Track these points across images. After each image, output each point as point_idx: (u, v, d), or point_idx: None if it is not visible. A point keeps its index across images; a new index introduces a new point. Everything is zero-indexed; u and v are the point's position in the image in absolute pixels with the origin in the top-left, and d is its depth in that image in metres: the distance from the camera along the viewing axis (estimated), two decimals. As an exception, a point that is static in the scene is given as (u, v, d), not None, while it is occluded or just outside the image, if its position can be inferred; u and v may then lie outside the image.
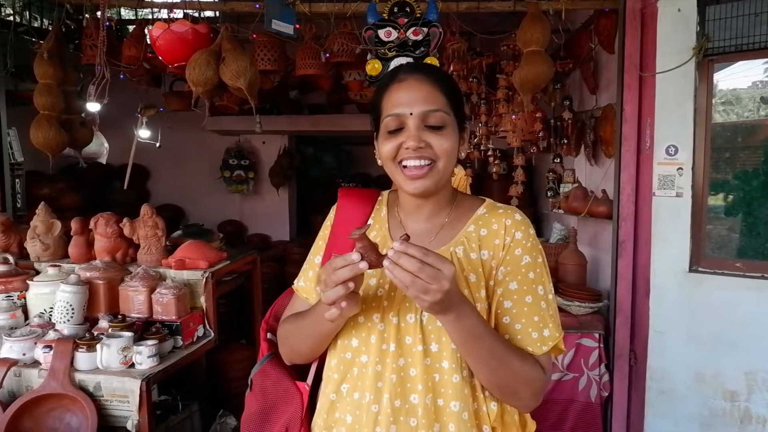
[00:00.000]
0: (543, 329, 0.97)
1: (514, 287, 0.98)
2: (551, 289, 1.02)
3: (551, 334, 0.97)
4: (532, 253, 1.00)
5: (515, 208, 1.06)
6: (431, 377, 0.94)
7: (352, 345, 0.98)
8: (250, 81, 2.35)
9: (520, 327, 0.97)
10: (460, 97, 1.04)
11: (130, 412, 1.79)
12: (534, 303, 0.98)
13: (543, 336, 0.97)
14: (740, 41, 2.36)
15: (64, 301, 1.96)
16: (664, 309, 2.49)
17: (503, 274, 0.99)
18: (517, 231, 1.00)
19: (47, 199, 2.84)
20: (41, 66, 2.52)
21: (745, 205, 2.61)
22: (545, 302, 0.99)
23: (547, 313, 0.98)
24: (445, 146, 0.97)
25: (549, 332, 0.97)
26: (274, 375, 1.13)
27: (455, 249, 1.00)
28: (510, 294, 0.98)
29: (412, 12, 2.47)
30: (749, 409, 2.36)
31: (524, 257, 0.99)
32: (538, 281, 0.99)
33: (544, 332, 0.97)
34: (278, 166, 5.34)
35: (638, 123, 2.52)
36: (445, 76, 1.05)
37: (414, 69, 1.01)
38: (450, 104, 0.99)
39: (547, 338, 0.97)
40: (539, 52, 2.50)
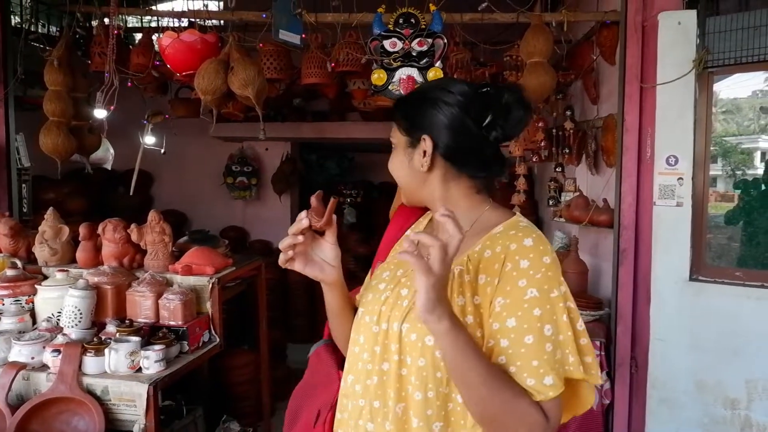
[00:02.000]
0: (543, 377, 0.84)
1: (512, 324, 0.87)
2: (567, 327, 0.88)
3: (555, 383, 0.84)
4: (544, 285, 0.87)
5: (533, 229, 0.94)
6: (405, 388, 0.93)
7: (359, 341, 1.03)
8: (258, 90, 2.38)
9: (515, 370, 0.85)
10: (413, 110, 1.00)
11: (137, 416, 1.81)
12: (536, 345, 0.85)
13: (542, 384, 0.84)
14: (740, 54, 2.40)
15: (72, 306, 1.98)
16: (665, 317, 2.51)
17: (501, 306, 0.88)
18: (523, 258, 0.89)
19: (53, 203, 2.87)
20: (51, 73, 2.56)
21: (745, 214, 2.64)
22: (553, 344, 0.86)
23: (553, 358, 0.86)
24: (389, 167, 1.07)
25: (552, 381, 0.84)
26: (325, 359, 1.19)
27: (454, 267, 0.94)
28: (507, 332, 0.87)
29: (417, 23, 2.51)
30: (750, 417, 2.38)
31: (530, 290, 0.87)
32: (547, 319, 0.87)
33: (544, 380, 0.84)
34: (281, 172, 5.37)
35: (639, 133, 2.56)
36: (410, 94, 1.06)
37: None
38: (397, 125, 1.04)
39: (546, 387, 0.84)
40: (542, 62, 2.54)
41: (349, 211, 5.85)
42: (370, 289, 1.05)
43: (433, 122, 0.97)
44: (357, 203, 5.92)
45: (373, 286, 1.05)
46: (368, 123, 4.87)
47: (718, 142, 3.95)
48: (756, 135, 5.71)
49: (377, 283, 1.05)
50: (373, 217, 5.79)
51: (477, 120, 0.96)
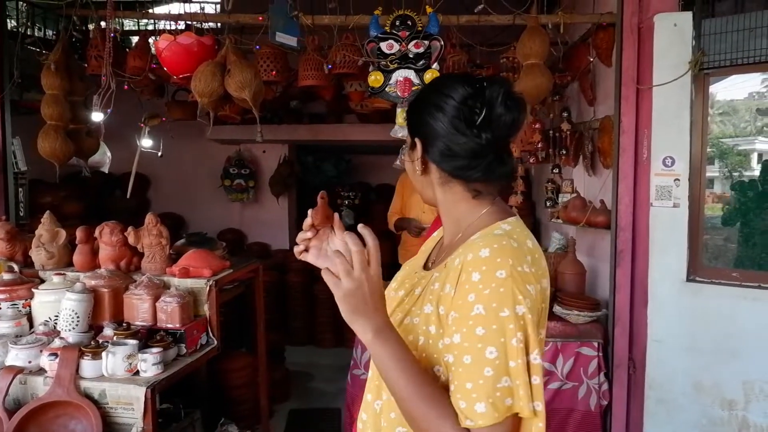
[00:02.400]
0: (475, 402, 0.78)
1: (457, 341, 0.82)
2: (517, 352, 0.79)
3: (486, 412, 0.77)
4: (492, 303, 0.80)
5: (501, 238, 0.87)
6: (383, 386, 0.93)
7: None
8: (255, 92, 2.38)
9: (453, 389, 0.82)
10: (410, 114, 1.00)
11: (135, 419, 1.81)
12: (473, 367, 0.79)
13: (473, 410, 0.78)
14: (735, 55, 2.41)
15: (69, 309, 1.97)
16: (662, 318, 2.52)
17: (452, 320, 0.84)
18: (476, 271, 0.83)
19: (49, 207, 2.86)
20: (48, 77, 2.56)
21: (741, 215, 2.65)
22: (495, 370, 0.78)
23: (493, 385, 0.78)
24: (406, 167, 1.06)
25: (484, 409, 0.77)
26: None
27: (434, 274, 0.94)
28: (453, 347, 0.83)
29: (413, 25, 2.52)
30: (747, 418, 2.38)
31: (476, 306, 0.81)
32: (491, 341, 0.79)
33: (475, 406, 0.78)
34: (278, 174, 5.37)
35: (636, 134, 2.57)
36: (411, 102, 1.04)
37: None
38: (408, 128, 1.02)
39: (477, 415, 0.78)
40: (538, 64, 2.55)
41: (346, 213, 5.85)
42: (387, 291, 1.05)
43: (424, 126, 0.95)
44: (355, 205, 5.92)
45: (388, 290, 1.05)
46: (365, 125, 4.87)
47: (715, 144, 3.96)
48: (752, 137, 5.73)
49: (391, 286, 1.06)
50: (370, 219, 5.79)
51: (468, 121, 0.90)
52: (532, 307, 0.83)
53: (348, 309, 0.83)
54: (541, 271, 0.89)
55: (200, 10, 2.83)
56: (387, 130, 2.67)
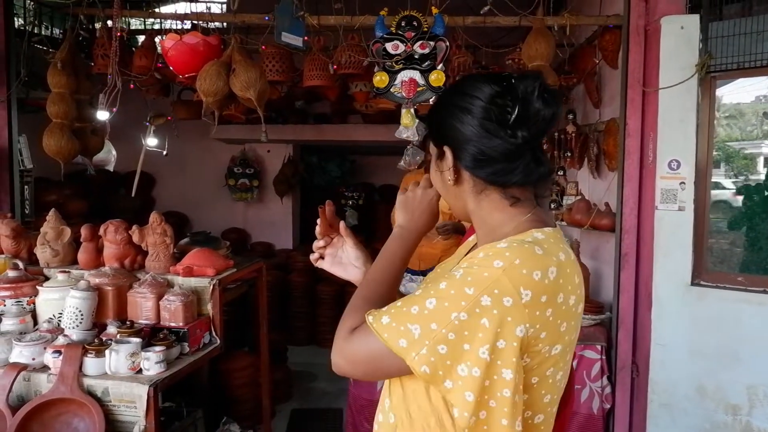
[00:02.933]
0: (386, 314, 0.84)
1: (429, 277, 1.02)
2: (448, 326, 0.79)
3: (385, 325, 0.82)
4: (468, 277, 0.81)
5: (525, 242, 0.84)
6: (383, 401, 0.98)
7: None
8: (260, 92, 2.39)
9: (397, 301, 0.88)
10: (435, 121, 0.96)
11: (137, 417, 1.81)
12: (414, 299, 0.84)
13: (380, 315, 0.84)
14: (742, 59, 2.40)
15: (73, 307, 1.98)
16: (666, 322, 2.51)
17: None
18: (482, 251, 0.84)
19: (54, 205, 2.87)
20: (55, 75, 2.57)
21: (747, 219, 2.64)
22: (418, 313, 0.81)
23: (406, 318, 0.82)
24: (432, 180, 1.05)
25: (387, 321, 0.83)
26: None
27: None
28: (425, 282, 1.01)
29: (419, 26, 2.52)
30: (750, 423, 2.37)
31: (458, 270, 0.83)
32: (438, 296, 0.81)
33: (383, 315, 0.84)
34: (283, 174, 5.38)
35: (641, 137, 2.56)
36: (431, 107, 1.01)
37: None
38: (431, 137, 0.99)
39: (378, 319, 0.84)
40: (544, 66, 2.55)
41: (350, 214, 5.85)
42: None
43: (453, 132, 0.90)
44: (358, 206, 5.92)
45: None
46: (370, 125, 4.88)
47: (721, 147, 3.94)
48: (759, 140, 5.70)
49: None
50: (374, 219, 5.79)
51: (500, 121, 0.85)
52: (513, 309, 0.79)
53: (401, 205, 1.05)
54: (570, 287, 0.84)
55: (206, 10, 2.85)
56: (392, 131, 2.67)
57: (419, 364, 0.80)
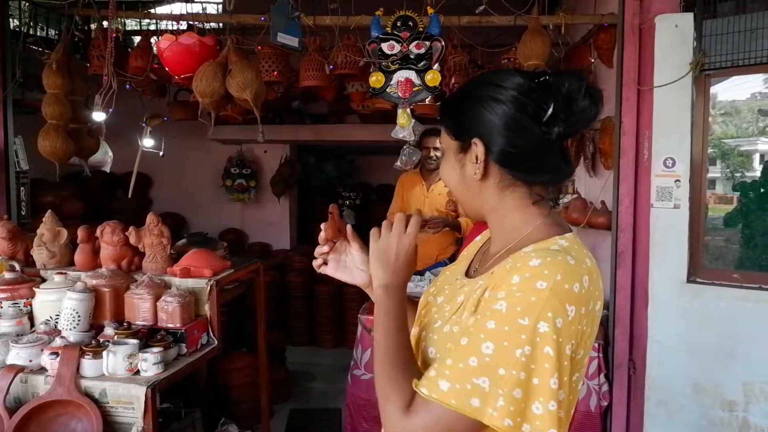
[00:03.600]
0: (442, 378, 0.76)
1: (468, 322, 0.82)
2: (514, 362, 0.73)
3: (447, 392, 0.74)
4: (516, 307, 0.75)
5: (558, 254, 0.80)
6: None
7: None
8: (256, 92, 2.39)
9: (431, 356, 0.85)
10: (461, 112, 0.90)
11: (135, 418, 1.81)
12: (464, 349, 0.76)
13: (436, 383, 0.76)
14: (737, 56, 2.41)
15: (70, 309, 1.97)
16: (662, 319, 2.52)
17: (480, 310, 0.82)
18: (516, 274, 0.78)
19: (51, 206, 2.87)
20: (50, 76, 2.56)
21: (743, 216, 2.65)
22: (478, 363, 0.74)
23: (468, 374, 0.74)
24: (442, 175, 0.99)
25: (446, 388, 0.75)
26: None
27: (479, 283, 0.88)
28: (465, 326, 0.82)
29: (414, 26, 2.52)
30: (747, 420, 2.38)
31: (501, 303, 0.77)
32: (494, 338, 0.75)
33: (440, 382, 0.76)
34: (280, 175, 5.38)
35: (636, 136, 2.57)
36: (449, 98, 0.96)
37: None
38: (446, 129, 0.93)
39: (436, 388, 0.76)
40: (539, 65, 2.55)
41: (348, 214, 5.85)
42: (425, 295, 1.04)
43: (484, 123, 0.86)
44: (356, 205, 5.92)
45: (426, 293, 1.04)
46: (366, 125, 4.88)
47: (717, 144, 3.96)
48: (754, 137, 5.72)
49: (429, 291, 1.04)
50: (372, 219, 5.79)
51: (535, 116, 0.83)
52: (564, 329, 0.75)
53: (374, 259, 0.94)
54: (598, 292, 0.83)
55: (202, 11, 2.84)
56: (388, 131, 2.67)
57: (500, 418, 0.73)
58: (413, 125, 2.53)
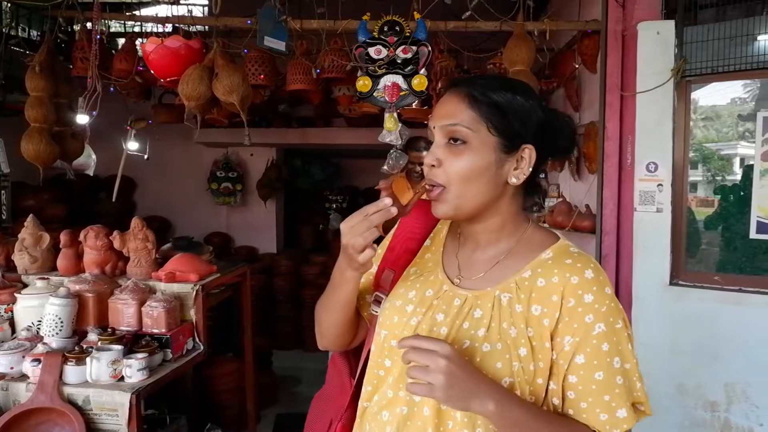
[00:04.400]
0: (616, 410, 0.84)
1: (581, 361, 0.85)
2: (632, 355, 0.87)
3: (628, 415, 0.84)
4: (609, 318, 0.85)
5: (589, 259, 0.89)
6: (444, 423, 0.87)
7: (385, 364, 0.96)
8: (243, 96, 2.38)
9: (586, 406, 0.85)
10: (514, 113, 0.89)
11: (119, 425, 1.79)
12: (606, 380, 0.84)
13: (616, 417, 0.84)
14: (717, 63, 2.46)
15: (52, 314, 1.95)
16: (646, 321, 2.55)
17: (570, 345, 0.85)
18: (587, 293, 0.85)
19: (32, 210, 2.82)
20: (33, 79, 2.53)
21: (723, 219, 2.70)
22: (622, 377, 0.85)
23: (624, 390, 0.85)
24: (457, 167, 0.88)
25: (625, 413, 0.84)
26: (339, 365, 1.13)
27: (501, 294, 0.89)
28: (576, 369, 0.85)
29: (401, 31, 2.53)
30: (729, 420, 2.42)
31: (597, 325, 0.85)
32: (615, 352, 0.85)
33: (617, 413, 0.84)
34: (266, 178, 5.35)
35: (620, 140, 2.61)
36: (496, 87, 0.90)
37: (458, 81, 0.94)
38: (483, 119, 0.88)
39: (621, 420, 0.84)
40: (524, 71, 2.58)
41: (335, 217, 5.84)
42: (395, 311, 0.96)
43: (536, 133, 0.90)
44: (342, 209, 5.92)
45: (399, 308, 0.96)
46: (353, 129, 4.88)
47: (699, 149, 4.03)
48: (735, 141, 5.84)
49: (403, 304, 0.96)
50: (358, 222, 5.78)
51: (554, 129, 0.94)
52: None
53: (460, 397, 0.78)
54: None
55: (188, 13, 2.82)
56: (375, 134, 2.68)
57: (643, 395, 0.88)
58: (400, 129, 2.54)
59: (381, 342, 0.97)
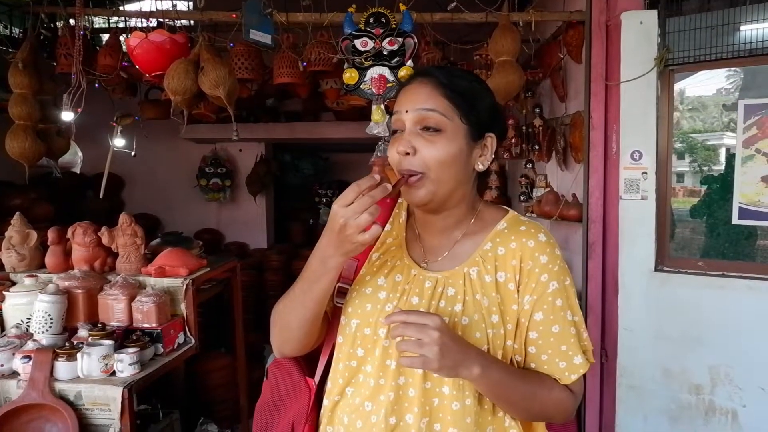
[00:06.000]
0: (573, 357, 0.95)
1: (539, 318, 0.94)
2: (578, 308, 0.98)
3: (582, 361, 0.95)
4: (560, 277, 0.96)
5: (539, 225, 1.00)
6: (429, 401, 0.91)
7: (358, 354, 0.97)
8: (229, 90, 2.37)
9: (547, 358, 0.95)
10: (479, 103, 0.95)
11: (112, 420, 1.80)
12: (562, 332, 0.95)
13: (573, 364, 0.95)
14: (699, 52, 2.49)
15: (42, 311, 1.95)
16: (632, 307, 2.59)
17: (529, 303, 0.94)
18: (542, 255, 0.95)
19: (19, 209, 2.80)
20: (16, 76, 2.50)
21: (707, 207, 2.74)
22: (574, 327, 0.96)
23: (578, 339, 0.96)
24: (435, 155, 0.90)
25: (580, 359, 0.95)
26: (287, 367, 1.11)
27: (469, 270, 0.96)
28: (536, 325, 0.94)
29: (387, 23, 2.54)
30: (713, 402, 2.47)
31: (551, 283, 0.95)
32: (566, 306, 0.95)
33: (574, 360, 0.95)
34: (255, 173, 5.34)
35: (605, 129, 2.63)
36: (462, 78, 0.96)
37: (428, 70, 0.98)
38: (456, 108, 0.92)
39: (577, 366, 0.95)
40: (510, 61, 2.60)
41: (324, 212, 5.85)
42: (366, 299, 0.97)
43: (498, 123, 1.01)
44: (332, 203, 5.92)
45: (369, 295, 0.97)
46: (342, 123, 4.88)
47: (685, 139, 4.07)
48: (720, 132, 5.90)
49: (374, 291, 0.98)
50: (348, 216, 5.79)
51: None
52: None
53: (450, 366, 0.83)
54: None
55: (172, 8, 2.80)
56: (363, 128, 2.68)
57: (589, 344, 0.98)
58: (387, 121, 2.55)
59: (352, 333, 0.97)
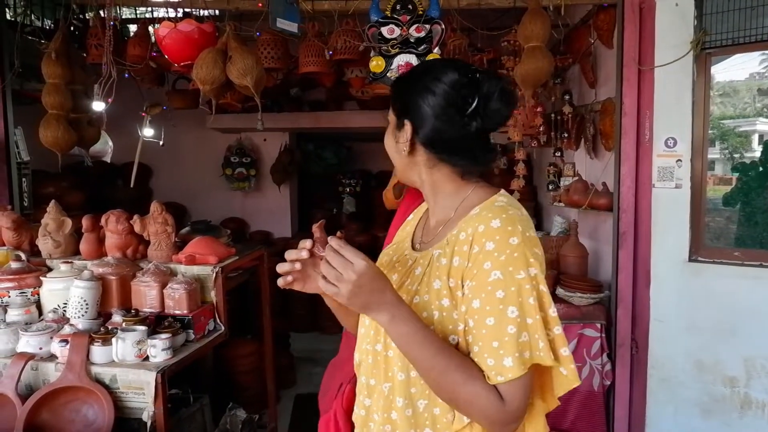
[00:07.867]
0: (503, 357, 0.85)
1: (476, 306, 0.88)
2: (535, 311, 0.87)
3: (514, 365, 0.84)
4: (508, 267, 0.87)
5: (508, 208, 0.93)
6: (390, 368, 0.99)
7: (365, 322, 1.07)
8: (257, 79, 2.38)
9: (477, 350, 0.88)
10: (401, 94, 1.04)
11: (146, 403, 1.83)
12: (496, 327, 0.86)
13: (502, 365, 0.85)
14: (737, 34, 2.40)
15: (78, 297, 1.99)
16: (664, 298, 2.54)
17: (469, 289, 0.90)
18: (489, 241, 0.89)
19: (52, 197, 2.87)
20: (49, 66, 2.55)
21: (743, 195, 2.66)
22: (517, 327, 0.86)
23: (516, 341, 0.85)
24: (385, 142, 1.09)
25: (511, 363, 0.84)
26: (351, 336, 1.21)
27: (435, 252, 0.98)
28: (473, 313, 0.89)
29: (414, 9, 2.50)
30: (749, 395, 2.42)
31: (493, 272, 0.87)
32: (510, 301, 0.86)
33: (504, 361, 0.85)
34: (279, 163, 5.37)
35: (637, 116, 2.57)
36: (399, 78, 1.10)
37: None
38: (393, 105, 1.06)
39: (506, 368, 0.85)
40: (539, 47, 2.54)
41: (348, 201, 5.86)
42: None
43: (417, 109, 0.99)
44: (356, 192, 5.92)
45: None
46: (365, 112, 4.86)
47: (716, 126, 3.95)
48: (753, 117, 5.70)
49: (388, 272, 1.05)
50: (372, 206, 5.79)
51: (460, 109, 0.95)
52: (541, 267, 0.91)
53: (359, 305, 0.88)
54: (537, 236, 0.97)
55: (199, -2, 2.81)
56: (387, 117, 2.67)
57: (547, 356, 0.87)
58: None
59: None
